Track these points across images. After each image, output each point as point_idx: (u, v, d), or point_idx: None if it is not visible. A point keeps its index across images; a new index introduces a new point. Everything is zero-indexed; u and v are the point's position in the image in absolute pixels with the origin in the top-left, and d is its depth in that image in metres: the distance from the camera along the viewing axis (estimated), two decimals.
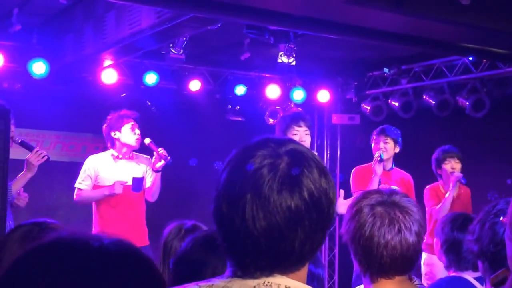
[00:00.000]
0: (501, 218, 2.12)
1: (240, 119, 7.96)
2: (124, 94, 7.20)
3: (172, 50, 5.98)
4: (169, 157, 5.23)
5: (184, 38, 5.86)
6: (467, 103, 6.89)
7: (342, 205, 4.44)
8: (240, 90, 7.62)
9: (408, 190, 5.48)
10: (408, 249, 1.93)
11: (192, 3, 4.23)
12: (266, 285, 1.28)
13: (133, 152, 5.40)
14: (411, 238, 1.93)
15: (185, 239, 2.08)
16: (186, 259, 1.84)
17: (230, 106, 7.93)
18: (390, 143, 5.48)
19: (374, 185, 5.31)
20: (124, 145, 5.32)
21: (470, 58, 6.70)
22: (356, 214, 1.98)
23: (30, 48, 6.21)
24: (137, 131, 5.29)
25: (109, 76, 6.74)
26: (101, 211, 5.31)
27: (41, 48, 6.20)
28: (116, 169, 5.31)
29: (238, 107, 7.95)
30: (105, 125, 5.39)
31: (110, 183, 5.22)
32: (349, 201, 4.28)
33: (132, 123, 5.29)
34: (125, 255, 0.92)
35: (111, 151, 5.38)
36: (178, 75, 7.36)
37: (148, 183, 5.39)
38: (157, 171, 5.26)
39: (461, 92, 7.01)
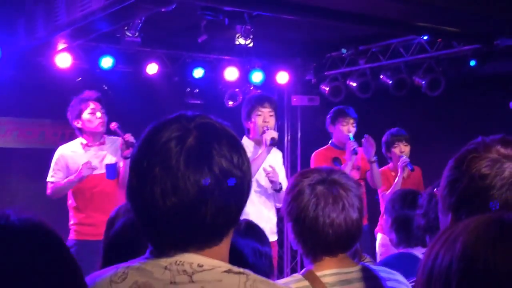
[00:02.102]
0: (435, 190, 2.15)
1: (199, 102, 7.91)
2: (80, 78, 7.08)
3: (127, 33, 5.89)
4: (130, 142, 4.93)
5: (139, 21, 5.77)
6: (423, 82, 6.97)
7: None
8: (198, 73, 7.57)
9: (367, 168, 5.61)
10: (352, 226, 1.95)
11: None
12: (178, 264, 1.27)
13: (105, 136, 5.11)
14: (355, 215, 1.95)
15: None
16: (118, 240, 1.82)
17: (189, 89, 7.87)
18: (354, 125, 5.60)
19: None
20: (89, 132, 5.07)
21: (425, 38, 6.75)
22: (298, 195, 1.97)
23: None
24: (99, 114, 5.02)
25: (63, 60, 6.61)
26: (77, 204, 5.07)
27: None
28: (86, 158, 5.03)
29: (197, 90, 7.90)
30: (68, 114, 5.15)
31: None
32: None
33: (92, 106, 5.03)
34: (31, 232, 0.90)
35: (80, 139, 5.15)
36: (134, 58, 7.27)
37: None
38: (125, 157, 4.93)
39: (417, 71, 7.09)
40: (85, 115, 5.05)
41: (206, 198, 1.25)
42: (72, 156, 5.09)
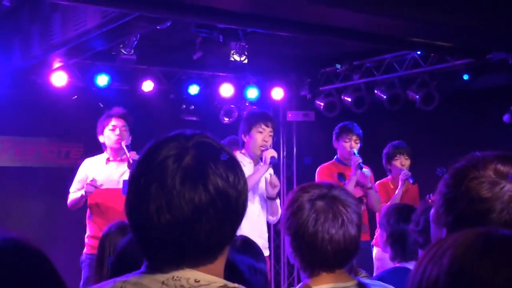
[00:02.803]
0: (430, 199, 2.16)
1: (195, 118, 7.93)
2: (76, 97, 7.11)
3: (122, 50, 5.92)
4: (133, 160, 4.93)
5: (135, 38, 5.81)
6: (417, 96, 7.01)
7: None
8: (194, 89, 7.60)
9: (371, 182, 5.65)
10: (351, 242, 1.95)
11: (136, 2, 4.20)
12: (175, 279, 1.28)
13: (133, 152, 5.10)
14: (353, 231, 1.96)
15: (124, 236, 2.06)
16: (125, 257, 1.82)
17: (184, 106, 7.89)
18: (359, 143, 5.63)
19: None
20: (109, 147, 5.18)
21: (419, 52, 6.80)
22: (298, 210, 1.98)
23: None
24: (117, 131, 5.11)
25: (59, 78, 6.64)
26: (93, 217, 5.15)
27: None
28: (105, 172, 5.15)
29: (193, 107, 7.91)
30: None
31: (102, 187, 5.04)
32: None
33: (114, 122, 5.13)
34: (14, 250, 0.92)
35: (105, 153, 5.25)
36: (130, 75, 7.30)
37: None
38: None
39: (411, 86, 7.13)
40: (106, 131, 5.16)
41: (201, 217, 1.26)
42: (94, 169, 5.17)
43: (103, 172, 5.15)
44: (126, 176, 5.10)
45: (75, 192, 5.16)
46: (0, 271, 0.88)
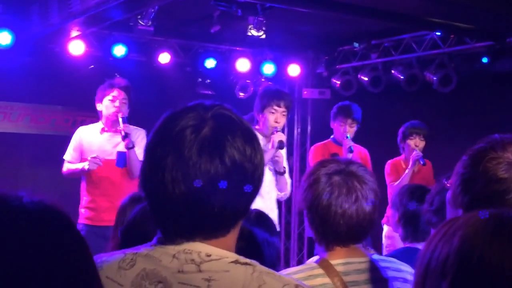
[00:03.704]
0: (445, 181, 2.15)
1: (210, 92, 7.93)
2: (92, 66, 7.12)
3: (140, 21, 5.91)
4: (125, 133, 4.91)
5: (152, 10, 5.79)
6: (435, 78, 6.95)
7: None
8: (210, 63, 7.58)
9: (365, 163, 5.58)
10: (364, 218, 1.97)
11: None
12: (186, 252, 1.28)
13: (126, 124, 5.00)
14: (367, 207, 1.97)
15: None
16: (134, 228, 1.84)
17: (200, 80, 7.90)
18: (355, 127, 5.61)
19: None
20: (105, 117, 5.08)
21: (438, 33, 6.73)
22: (314, 183, 2.00)
23: None
24: (117, 102, 5.01)
25: (76, 47, 6.65)
26: (86, 187, 5.10)
27: (6, 18, 6.08)
28: (100, 142, 5.07)
29: (208, 81, 7.91)
30: (96, 95, 5.15)
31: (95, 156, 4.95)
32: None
33: (115, 93, 5.03)
34: (43, 214, 0.93)
35: (100, 122, 5.16)
36: (147, 47, 7.30)
37: (139, 156, 4.91)
38: (127, 148, 4.95)
39: (429, 67, 7.06)
40: (106, 100, 5.06)
41: (215, 188, 1.25)
42: (88, 138, 5.10)
43: (97, 141, 5.07)
44: (119, 148, 5.05)
45: (73, 163, 5.08)
46: (28, 233, 0.89)
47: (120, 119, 4.97)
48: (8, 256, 0.86)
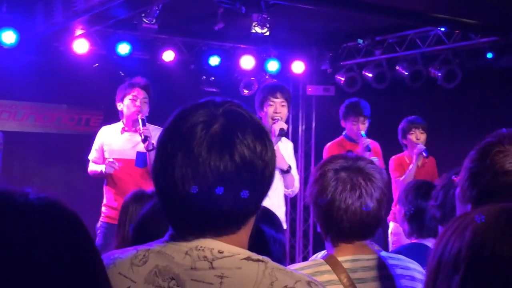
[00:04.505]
0: (454, 178, 2.15)
1: (214, 90, 7.93)
2: (97, 64, 7.13)
3: (144, 19, 5.92)
4: (145, 136, 4.84)
5: (156, 8, 5.80)
6: (439, 74, 6.93)
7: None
8: (215, 60, 7.58)
9: (378, 157, 5.61)
10: (368, 215, 1.96)
11: None
12: (199, 249, 1.28)
13: (146, 127, 4.90)
14: (371, 204, 1.95)
15: (144, 204, 2.08)
16: (146, 224, 1.84)
17: (204, 77, 7.89)
18: (367, 123, 5.62)
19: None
20: (126, 117, 5.07)
21: (442, 29, 6.71)
22: (320, 177, 2.00)
23: None
24: (138, 102, 4.97)
25: (81, 46, 6.66)
26: (108, 187, 5.11)
27: (11, 17, 6.09)
28: (120, 142, 5.05)
29: (213, 78, 7.91)
30: (116, 95, 5.12)
31: (115, 156, 4.97)
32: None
33: (135, 93, 5.00)
34: (49, 210, 0.93)
35: (121, 122, 5.13)
36: (151, 45, 7.30)
37: None
38: (147, 149, 4.90)
39: (433, 63, 7.05)
40: (126, 100, 5.03)
41: (225, 185, 1.25)
42: (109, 138, 5.10)
43: (117, 141, 5.07)
44: (139, 148, 5.03)
45: (95, 164, 5.11)
46: (34, 229, 0.89)
47: (140, 121, 4.93)
48: (15, 251, 0.86)
